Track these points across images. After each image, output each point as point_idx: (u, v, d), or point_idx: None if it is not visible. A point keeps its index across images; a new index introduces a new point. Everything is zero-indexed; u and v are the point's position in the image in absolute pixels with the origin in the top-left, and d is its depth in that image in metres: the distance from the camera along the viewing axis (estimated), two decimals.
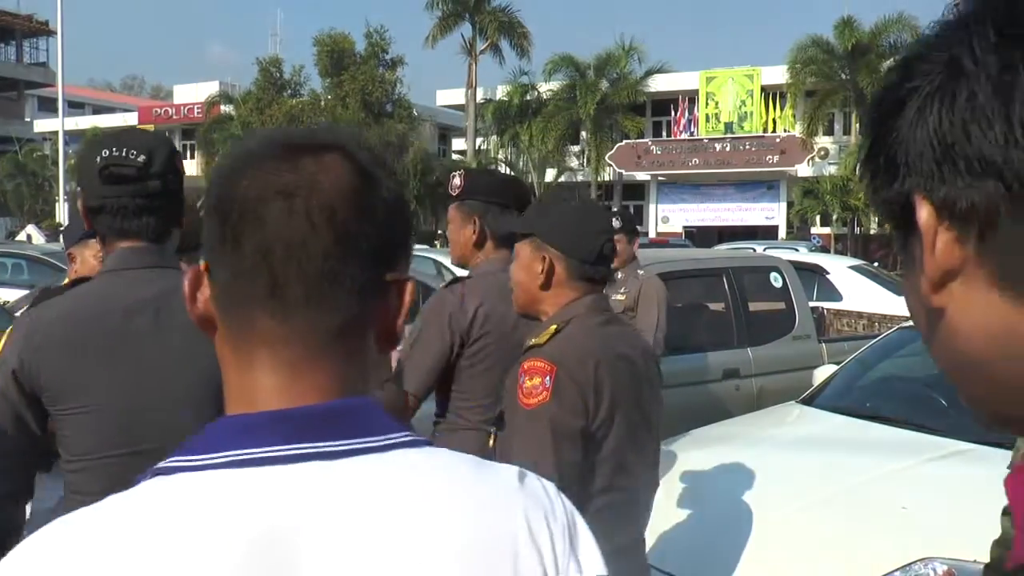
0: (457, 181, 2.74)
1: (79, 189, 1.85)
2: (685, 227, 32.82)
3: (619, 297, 4.63)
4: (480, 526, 0.73)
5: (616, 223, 4.67)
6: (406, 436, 0.76)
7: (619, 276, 4.69)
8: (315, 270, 0.74)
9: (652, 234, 32.15)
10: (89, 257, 2.76)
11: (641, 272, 4.67)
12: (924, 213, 0.56)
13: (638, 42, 32.71)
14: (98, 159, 1.74)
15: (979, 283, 0.56)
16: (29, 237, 23.52)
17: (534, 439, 1.85)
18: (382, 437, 0.74)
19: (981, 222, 0.54)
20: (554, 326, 2.00)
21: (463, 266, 2.77)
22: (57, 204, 34.12)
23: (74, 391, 1.75)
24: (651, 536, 2.96)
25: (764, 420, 4.33)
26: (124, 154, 1.73)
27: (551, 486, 0.82)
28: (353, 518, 0.70)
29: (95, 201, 1.77)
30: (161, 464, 0.73)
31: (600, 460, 1.91)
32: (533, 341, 2.02)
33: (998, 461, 2.32)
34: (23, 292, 9.93)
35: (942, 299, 0.57)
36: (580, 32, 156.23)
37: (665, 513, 3.10)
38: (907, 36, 28.04)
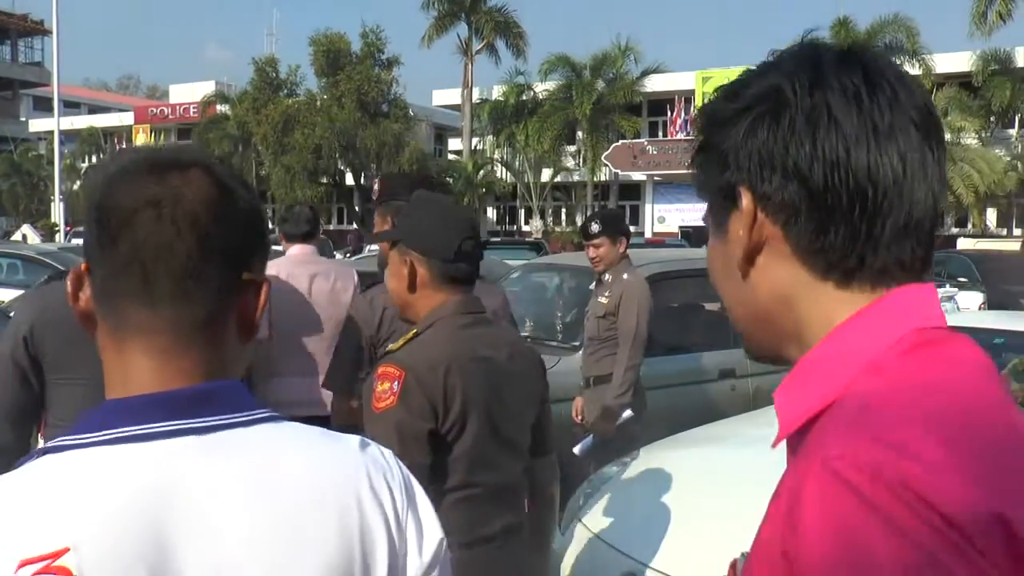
0: (376, 187, 3.13)
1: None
2: (681, 227, 32.83)
3: (603, 300, 4.58)
4: (329, 480, 0.88)
5: (596, 227, 4.62)
6: (266, 413, 0.90)
7: (607, 279, 4.63)
8: (180, 268, 0.85)
9: (648, 234, 32.18)
10: None
11: (626, 276, 4.57)
12: (746, 201, 0.80)
13: (634, 42, 32.74)
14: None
15: (779, 256, 0.80)
16: (24, 237, 23.47)
17: (381, 441, 1.87)
18: (247, 413, 0.88)
19: (788, 212, 0.78)
20: (413, 331, 2.09)
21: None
22: (53, 204, 34.07)
23: (72, 363, 2.03)
24: (643, 536, 2.96)
25: (760, 420, 4.32)
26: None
27: (388, 452, 0.98)
28: (222, 478, 0.83)
29: None
30: (50, 444, 0.83)
31: (454, 458, 1.99)
32: (390, 347, 2.13)
33: None
34: (18, 292, 9.90)
35: (749, 265, 0.82)
36: (576, 32, 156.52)
37: (660, 514, 3.10)
38: (902, 36, 28.11)
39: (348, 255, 22.58)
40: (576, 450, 4.43)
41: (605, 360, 4.56)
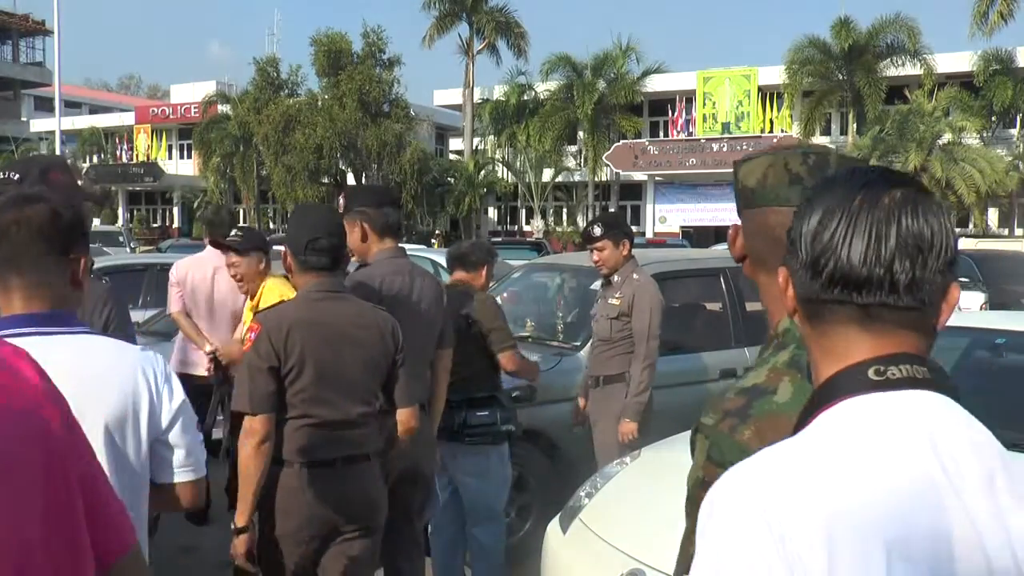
0: (341, 200, 3.61)
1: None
2: (682, 227, 32.85)
3: (614, 301, 4.59)
4: (116, 362, 1.78)
5: (598, 230, 4.65)
6: (86, 329, 1.77)
7: (615, 280, 4.65)
8: (35, 255, 1.66)
9: (649, 234, 32.16)
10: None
11: (636, 277, 4.60)
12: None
13: (635, 42, 32.78)
14: None
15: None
16: None
17: (242, 372, 2.78)
18: (76, 328, 1.73)
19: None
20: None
21: (365, 264, 3.52)
22: None
23: None
24: (644, 536, 2.96)
25: None
26: (5, 175, 2.26)
27: (157, 354, 1.86)
28: (56, 358, 1.36)
29: None
30: None
31: (293, 394, 2.75)
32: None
33: None
34: None
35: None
36: (577, 32, 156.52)
37: (661, 513, 3.10)
38: (904, 36, 28.12)
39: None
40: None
41: (615, 360, 4.59)
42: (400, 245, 3.64)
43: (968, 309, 11.62)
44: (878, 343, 0.96)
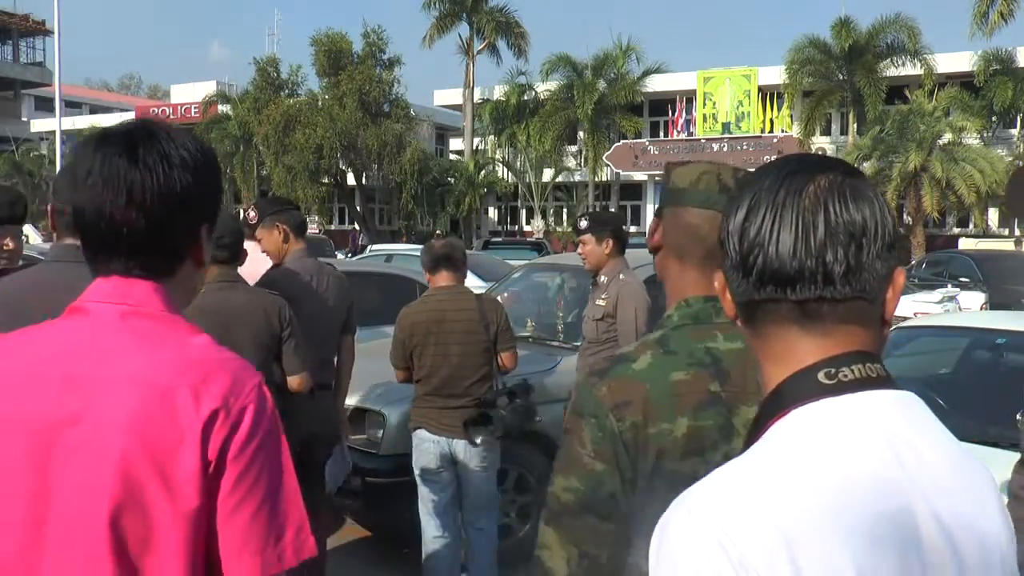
0: (252, 213, 4.13)
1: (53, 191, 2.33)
2: None
3: (600, 303, 4.54)
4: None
5: (583, 223, 4.65)
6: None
7: (602, 280, 4.60)
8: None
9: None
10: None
11: (623, 277, 4.54)
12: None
13: (635, 42, 32.77)
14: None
15: None
16: (26, 237, 23.42)
17: None
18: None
19: None
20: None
21: (277, 266, 4.06)
22: None
23: None
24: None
25: None
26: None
27: None
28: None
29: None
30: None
31: None
32: None
33: (996, 461, 2.32)
34: None
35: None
36: (577, 32, 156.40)
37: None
38: (904, 37, 28.10)
39: (349, 255, 22.58)
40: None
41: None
42: (307, 247, 4.26)
43: (968, 309, 11.61)
44: (824, 343, 0.91)
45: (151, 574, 1.19)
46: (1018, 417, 1.83)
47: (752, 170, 1.44)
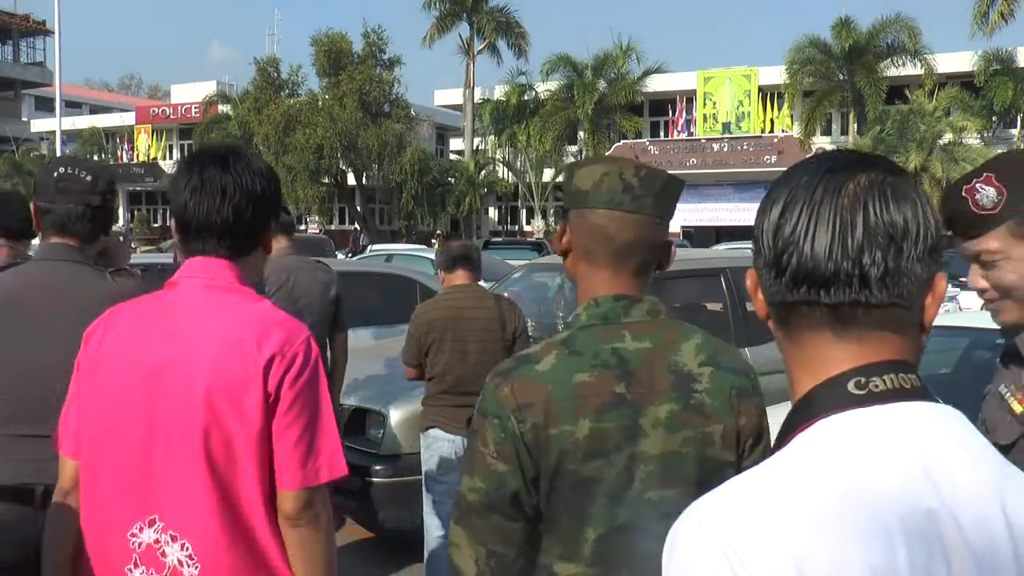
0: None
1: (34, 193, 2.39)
2: (683, 227, 32.81)
3: None
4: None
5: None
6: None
7: None
8: None
9: None
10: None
11: None
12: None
13: (636, 42, 32.79)
14: (55, 173, 2.29)
15: None
16: None
17: None
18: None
19: None
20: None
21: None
22: None
23: None
24: None
25: None
26: (76, 172, 2.28)
27: None
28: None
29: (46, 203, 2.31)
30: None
31: None
32: None
33: None
34: None
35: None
36: (578, 32, 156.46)
37: None
38: (904, 36, 28.08)
39: (349, 255, 22.58)
40: None
41: None
42: (291, 244, 4.51)
43: (968, 309, 11.60)
44: (856, 351, 0.87)
45: (233, 477, 1.62)
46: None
47: (650, 171, 1.52)
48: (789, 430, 0.88)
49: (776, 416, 3.83)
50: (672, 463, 1.44)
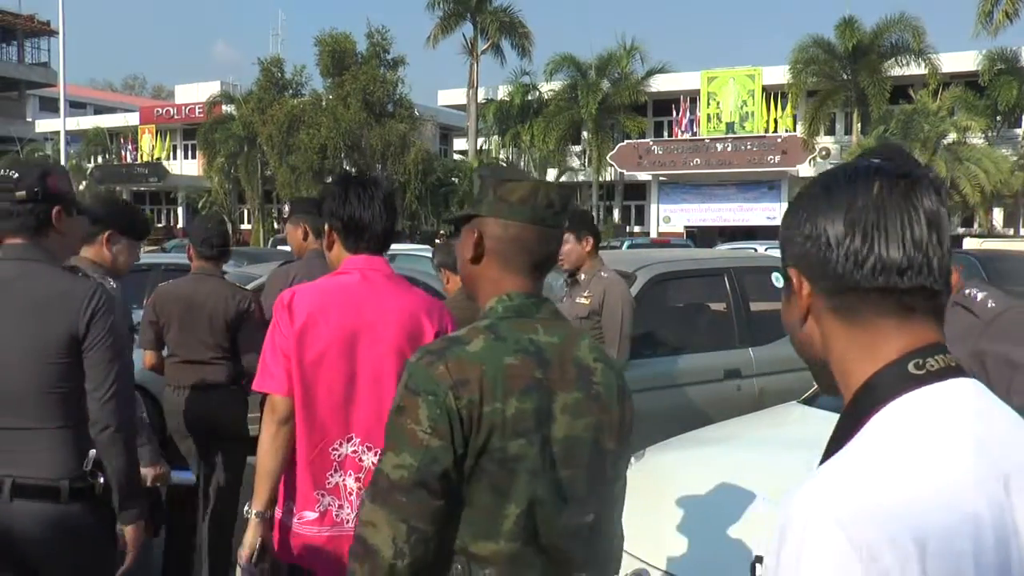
0: (287, 207, 5.06)
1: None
2: (687, 227, 32.82)
3: (583, 300, 4.49)
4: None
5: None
6: None
7: (582, 278, 4.57)
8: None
9: (653, 234, 32.14)
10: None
11: (605, 275, 4.51)
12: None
13: (639, 42, 32.80)
14: None
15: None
16: None
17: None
18: None
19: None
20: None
21: (300, 257, 4.51)
22: None
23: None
24: (649, 536, 2.96)
25: (765, 420, 4.32)
26: (4, 172, 2.38)
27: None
28: None
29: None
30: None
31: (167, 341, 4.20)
32: None
33: None
34: None
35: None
36: (581, 32, 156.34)
37: (665, 514, 3.10)
38: (908, 36, 28.05)
39: None
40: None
41: None
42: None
43: None
44: (911, 334, 0.96)
45: None
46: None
47: (564, 191, 1.70)
48: (857, 414, 0.94)
49: (772, 418, 3.77)
50: (572, 446, 1.59)
